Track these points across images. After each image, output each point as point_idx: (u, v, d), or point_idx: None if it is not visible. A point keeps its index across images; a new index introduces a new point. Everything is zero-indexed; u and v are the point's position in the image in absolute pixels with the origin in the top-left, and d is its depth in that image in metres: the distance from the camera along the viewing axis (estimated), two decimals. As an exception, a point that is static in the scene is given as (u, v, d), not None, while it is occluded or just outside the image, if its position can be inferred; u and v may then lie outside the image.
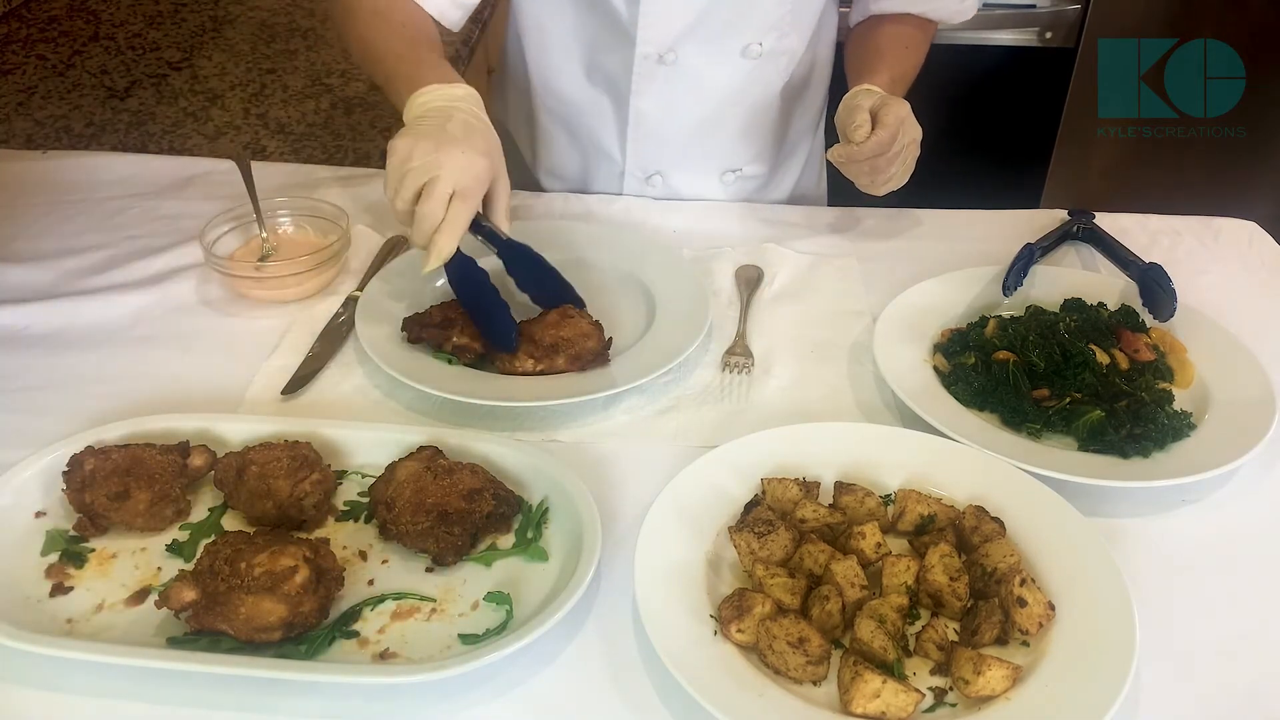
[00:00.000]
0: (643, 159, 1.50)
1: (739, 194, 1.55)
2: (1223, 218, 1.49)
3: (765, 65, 1.43)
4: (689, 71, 1.41)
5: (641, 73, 1.41)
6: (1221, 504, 1.04)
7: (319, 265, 1.26)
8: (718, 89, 1.44)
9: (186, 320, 1.25)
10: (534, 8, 1.46)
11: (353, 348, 1.21)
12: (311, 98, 1.80)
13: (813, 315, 1.28)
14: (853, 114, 1.25)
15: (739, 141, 1.50)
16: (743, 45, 1.40)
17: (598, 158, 1.53)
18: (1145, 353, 1.16)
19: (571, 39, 1.45)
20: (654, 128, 1.47)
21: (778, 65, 1.45)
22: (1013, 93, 2.74)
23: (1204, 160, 2.74)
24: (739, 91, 1.45)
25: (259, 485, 0.95)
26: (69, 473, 0.97)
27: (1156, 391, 1.11)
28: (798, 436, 1.05)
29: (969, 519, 0.95)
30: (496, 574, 0.93)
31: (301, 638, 0.86)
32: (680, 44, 1.39)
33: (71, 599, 0.90)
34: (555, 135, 1.55)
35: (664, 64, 1.40)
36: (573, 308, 1.20)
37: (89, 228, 1.39)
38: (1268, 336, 1.22)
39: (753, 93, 1.46)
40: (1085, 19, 2.62)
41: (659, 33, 1.38)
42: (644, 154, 1.49)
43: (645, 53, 1.39)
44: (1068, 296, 1.26)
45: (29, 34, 2.01)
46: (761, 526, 0.92)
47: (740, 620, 0.85)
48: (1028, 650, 0.87)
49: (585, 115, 1.50)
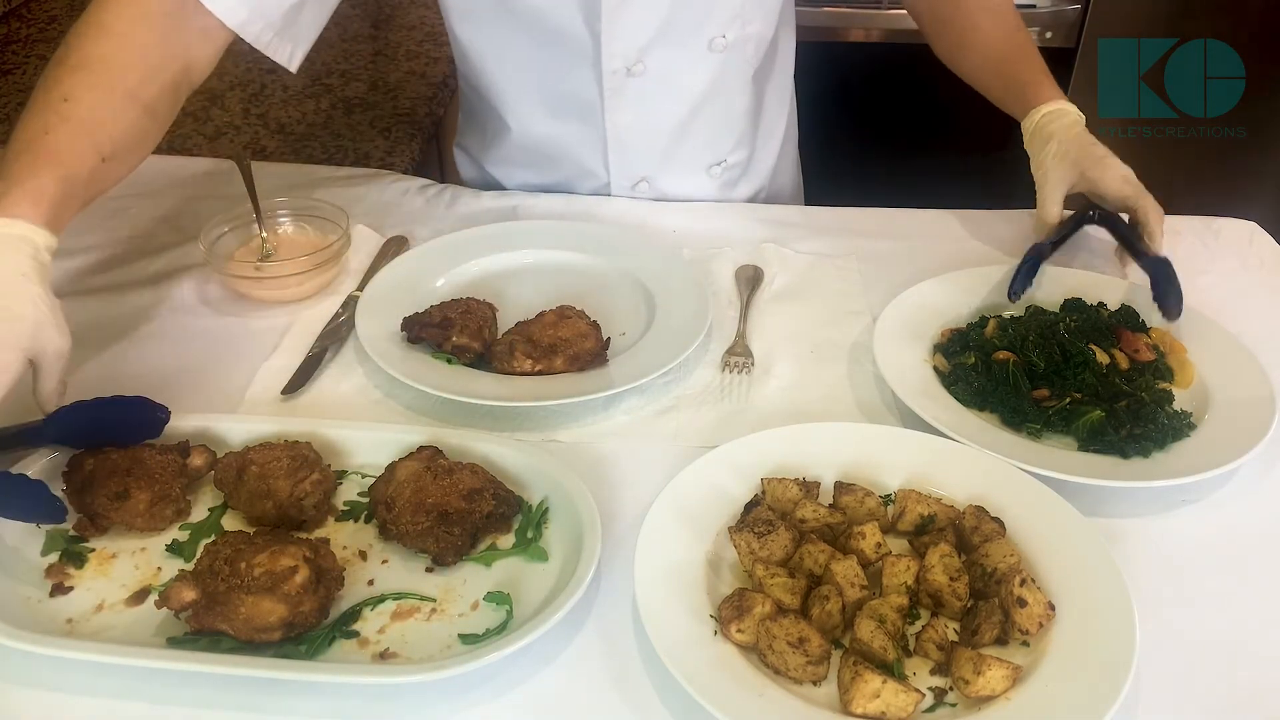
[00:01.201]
0: (626, 170, 1.49)
1: (726, 183, 1.54)
2: (1223, 218, 1.49)
3: (733, 55, 1.42)
4: (659, 77, 1.39)
5: (612, 88, 1.39)
6: (1221, 504, 1.04)
7: (319, 265, 1.26)
8: (690, 88, 1.43)
9: (186, 320, 1.25)
10: (482, 61, 1.43)
11: (353, 348, 1.21)
12: (311, 98, 1.80)
13: (812, 315, 1.28)
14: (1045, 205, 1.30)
15: (719, 134, 1.49)
16: (708, 40, 1.39)
17: (580, 176, 1.51)
18: (1145, 353, 1.16)
19: (527, 75, 1.42)
20: (633, 139, 1.45)
21: (744, 53, 1.43)
22: (1013, 93, 2.73)
23: (1204, 160, 2.73)
24: (711, 86, 1.43)
25: (259, 485, 0.95)
26: (69, 473, 0.97)
27: (1156, 391, 1.11)
28: (798, 436, 1.05)
29: (969, 519, 0.95)
30: (496, 574, 0.93)
31: (301, 638, 0.86)
32: (647, 52, 1.37)
33: (71, 599, 0.90)
34: (537, 162, 1.52)
35: (633, 75, 1.38)
36: (571, 307, 1.20)
37: (89, 228, 1.39)
38: (1268, 336, 1.22)
39: (724, 84, 1.45)
40: (1085, 19, 2.61)
41: (625, 45, 1.36)
42: (627, 165, 1.48)
43: (613, 68, 1.37)
44: (1068, 296, 1.26)
45: (29, 34, 2.01)
46: (761, 526, 0.92)
47: (740, 620, 0.85)
48: (1028, 650, 0.87)
49: (560, 144, 1.48)
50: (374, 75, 1.89)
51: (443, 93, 1.86)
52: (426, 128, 1.75)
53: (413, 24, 2.10)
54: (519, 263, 1.34)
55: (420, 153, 1.70)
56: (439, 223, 1.43)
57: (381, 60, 1.95)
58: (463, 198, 1.50)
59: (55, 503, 0.95)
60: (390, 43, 2.03)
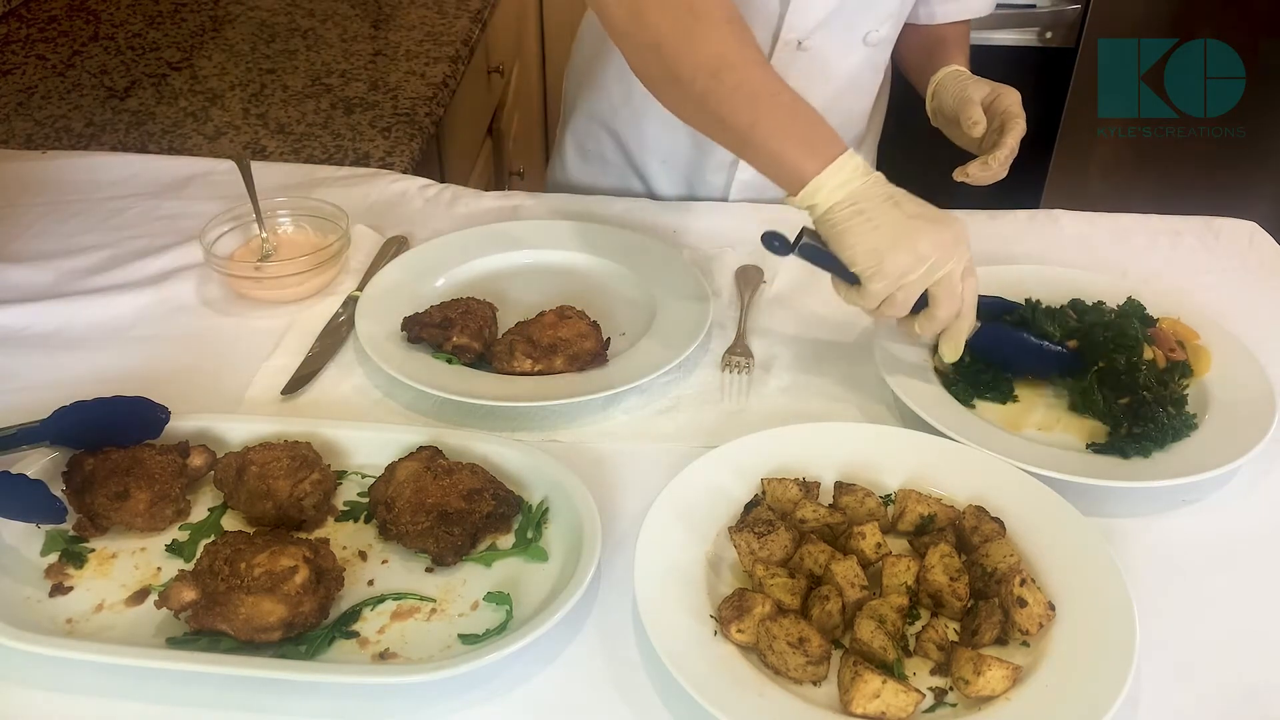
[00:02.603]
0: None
1: None
2: (1223, 218, 1.49)
3: (878, 52, 1.46)
4: (819, 57, 1.42)
5: (781, 59, 1.41)
6: (1221, 504, 1.04)
7: (319, 265, 1.26)
8: (841, 74, 1.45)
9: (186, 320, 1.25)
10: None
11: (353, 348, 1.21)
12: (311, 98, 1.80)
13: (812, 315, 1.28)
14: (967, 108, 1.27)
15: (847, 125, 1.52)
16: (864, 32, 1.42)
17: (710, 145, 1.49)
18: (1179, 352, 1.16)
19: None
20: None
21: (884, 54, 1.48)
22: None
23: (1204, 160, 2.73)
24: (856, 77, 1.47)
25: (259, 485, 0.95)
26: (69, 473, 0.97)
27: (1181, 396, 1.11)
28: (798, 436, 1.05)
29: (969, 519, 0.95)
30: (496, 574, 0.93)
31: (301, 638, 0.86)
32: (818, 30, 1.39)
33: (71, 599, 0.90)
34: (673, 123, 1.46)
35: (802, 50, 1.40)
36: (571, 307, 1.20)
37: (89, 228, 1.39)
38: (1268, 336, 1.22)
39: (863, 79, 1.49)
40: (1085, 19, 2.61)
41: (804, 19, 1.38)
42: None
43: (787, 39, 1.39)
44: (1070, 297, 1.26)
45: (29, 34, 2.01)
46: (761, 526, 0.92)
47: (740, 620, 0.85)
48: (1028, 650, 0.87)
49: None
50: (374, 75, 1.89)
51: (443, 93, 1.85)
52: (426, 128, 1.75)
53: (413, 24, 2.10)
54: (519, 263, 1.34)
55: (420, 153, 1.70)
56: (439, 223, 1.43)
57: (381, 60, 1.95)
58: (463, 198, 1.50)
59: (55, 503, 0.95)
60: (390, 43, 2.02)
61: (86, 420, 1.01)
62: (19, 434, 1.01)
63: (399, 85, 1.86)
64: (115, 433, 1.00)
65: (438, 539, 0.92)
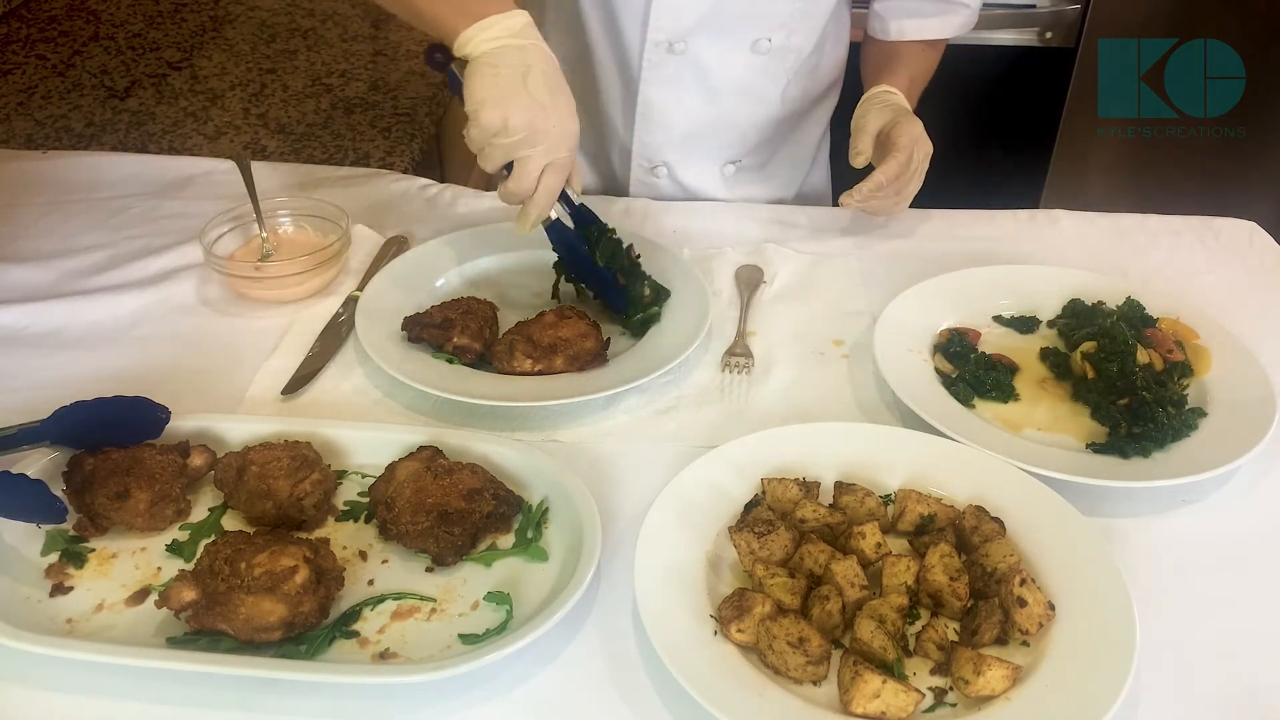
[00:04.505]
0: (648, 148, 1.51)
1: (736, 184, 1.56)
2: (1223, 218, 1.49)
3: (772, 62, 1.45)
4: (698, 62, 1.42)
5: (652, 60, 1.42)
6: (1221, 504, 1.04)
7: (319, 265, 1.26)
8: (725, 82, 1.45)
9: (186, 320, 1.25)
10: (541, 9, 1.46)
11: (353, 348, 1.21)
12: (311, 98, 1.80)
13: (812, 315, 1.28)
14: (856, 137, 1.30)
15: (741, 136, 1.52)
16: (752, 40, 1.42)
17: (610, 138, 1.54)
18: (1177, 353, 1.16)
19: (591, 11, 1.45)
20: (660, 117, 1.48)
21: (784, 63, 1.46)
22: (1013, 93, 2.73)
23: (1204, 160, 2.73)
24: (745, 86, 1.46)
25: (259, 485, 0.95)
26: (69, 473, 0.97)
27: (1181, 396, 1.11)
28: (798, 436, 1.05)
29: (969, 519, 0.95)
30: (496, 574, 0.93)
31: (301, 638, 0.86)
32: (692, 34, 1.40)
33: (71, 599, 0.90)
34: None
35: (674, 53, 1.41)
36: (571, 307, 1.20)
37: (89, 228, 1.39)
38: (1268, 336, 1.22)
39: (758, 88, 1.48)
40: (1085, 19, 2.61)
41: (672, 20, 1.39)
42: (650, 142, 1.51)
43: (657, 40, 1.40)
44: (1069, 297, 1.26)
45: (29, 34, 2.01)
46: (761, 526, 0.92)
47: (740, 620, 0.85)
48: (1028, 650, 0.87)
49: (599, 94, 1.51)
50: (374, 75, 1.89)
51: (442, 93, 1.85)
52: (426, 128, 1.75)
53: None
54: (519, 263, 1.34)
55: (420, 153, 1.70)
56: (439, 223, 1.43)
57: (381, 60, 1.95)
58: (463, 198, 1.50)
59: (55, 503, 0.95)
60: (390, 43, 2.02)
61: (87, 420, 1.01)
62: (19, 434, 1.01)
63: (399, 85, 1.86)
64: (115, 433, 1.00)
65: (438, 539, 0.92)
